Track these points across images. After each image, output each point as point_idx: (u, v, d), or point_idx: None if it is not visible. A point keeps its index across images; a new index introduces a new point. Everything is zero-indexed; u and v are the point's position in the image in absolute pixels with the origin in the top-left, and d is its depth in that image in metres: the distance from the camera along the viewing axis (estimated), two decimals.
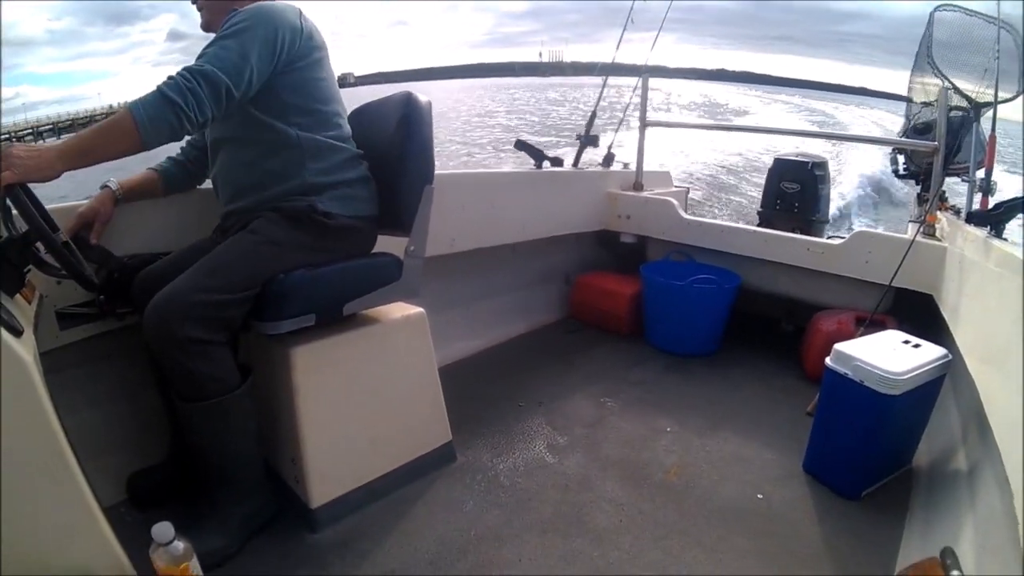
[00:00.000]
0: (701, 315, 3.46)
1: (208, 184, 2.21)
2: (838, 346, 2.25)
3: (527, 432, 2.65)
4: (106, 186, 2.08)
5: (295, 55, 1.92)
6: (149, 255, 2.11)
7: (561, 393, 3.01)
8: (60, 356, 1.96)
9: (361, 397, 2.15)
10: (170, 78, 1.68)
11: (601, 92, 4.57)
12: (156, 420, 2.23)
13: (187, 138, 2.09)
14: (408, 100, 2.21)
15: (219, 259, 1.87)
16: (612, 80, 4.61)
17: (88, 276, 1.73)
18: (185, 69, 1.70)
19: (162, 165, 2.23)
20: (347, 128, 2.16)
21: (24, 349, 1.30)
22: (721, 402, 2.94)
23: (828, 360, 2.26)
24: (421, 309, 2.30)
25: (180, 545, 1.55)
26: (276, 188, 1.99)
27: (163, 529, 1.52)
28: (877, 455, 2.23)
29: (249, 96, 1.84)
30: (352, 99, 2.45)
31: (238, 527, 1.96)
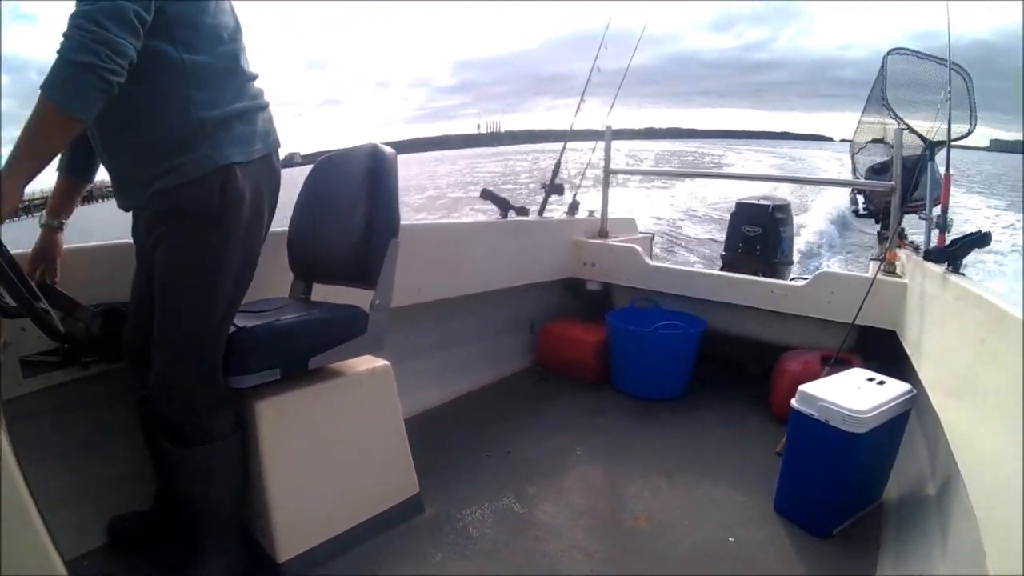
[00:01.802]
0: (667, 360, 3.48)
1: None
2: (803, 387, 2.27)
3: (495, 482, 2.62)
4: (43, 224, 2.02)
5: None
6: (117, 304, 2.08)
7: (529, 442, 2.99)
8: (26, 403, 1.94)
9: (327, 450, 2.14)
10: (66, 36, 1.43)
11: (563, 150, 4.64)
12: (128, 467, 2.24)
13: None
14: (375, 152, 2.21)
15: (172, 323, 1.81)
16: (550, 145, 4.72)
17: (54, 326, 1.71)
18: (80, 16, 1.42)
19: (61, 160, 1.97)
20: (242, 45, 1.87)
21: None
22: (689, 445, 2.94)
23: (794, 401, 2.29)
24: (386, 362, 2.30)
25: None
26: (157, 145, 1.71)
27: None
28: (847, 492, 2.25)
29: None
30: (300, 178, 2.46)
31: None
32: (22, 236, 1.83)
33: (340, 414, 2.17)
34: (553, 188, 4.32)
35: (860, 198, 4.62)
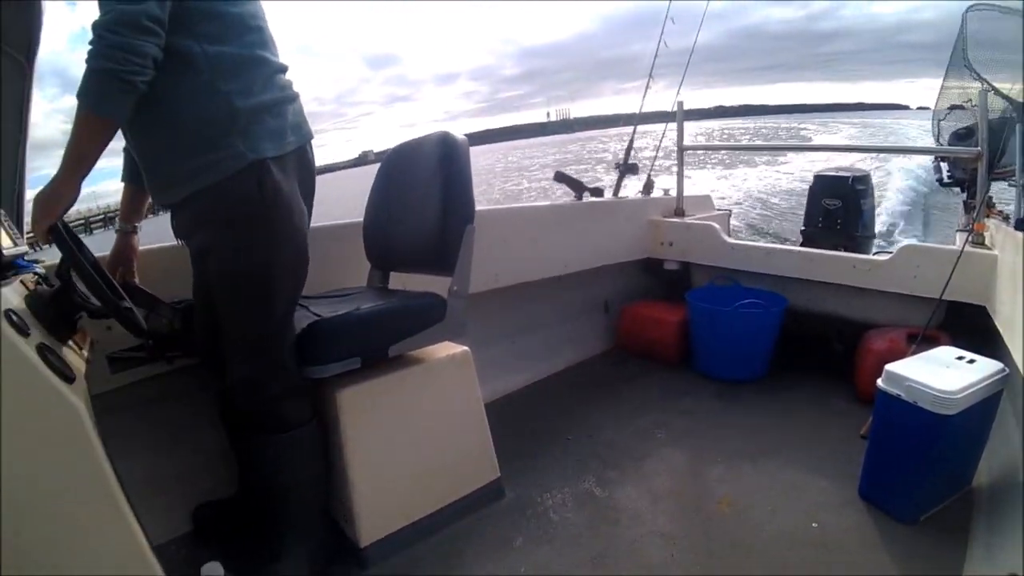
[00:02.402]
0: (749, 340, 3.41)
1: None
2: (889, 366, 2.18)
3: (576, 466, 2.63)
4: (117, 231, 2.13)
5: None
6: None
7: (610, 425, 2.98)
8: (113, 398, 2.02)
9: (408, 437, 2.17)
10: (89, 49, 1.51)
11: (634, 130, 4.58)
12: (211, 459, 2.34)
13: None
14: (446, 139, 2.22)
15: (236, 324, 1.87)
16: (620, 129, 4.67)
17: (137, 322, 1.77)
18: (97, 27, 1.50)
19: (123, 170, 2.08)
20: (268, 34, 1.88)
21: (75, 395, 1.35)
22: (772, 428, 2.88)
23: (880, 382, 2.20)
24: (466, 348, 2.31)
25: None
26: (190, 141, 1.72)
27: (212, 568, 1.55)
28: (935, 477, 2.16)
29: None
30: (373, 174, 2.49)
31: (307, 565, 2.00)
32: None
33: (421, 400, 2.20)
34: (627, 168, 4.26)
35: (944, 166, 4.41)
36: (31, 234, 1.71)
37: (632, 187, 4.37)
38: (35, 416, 1.30)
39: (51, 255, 1.73)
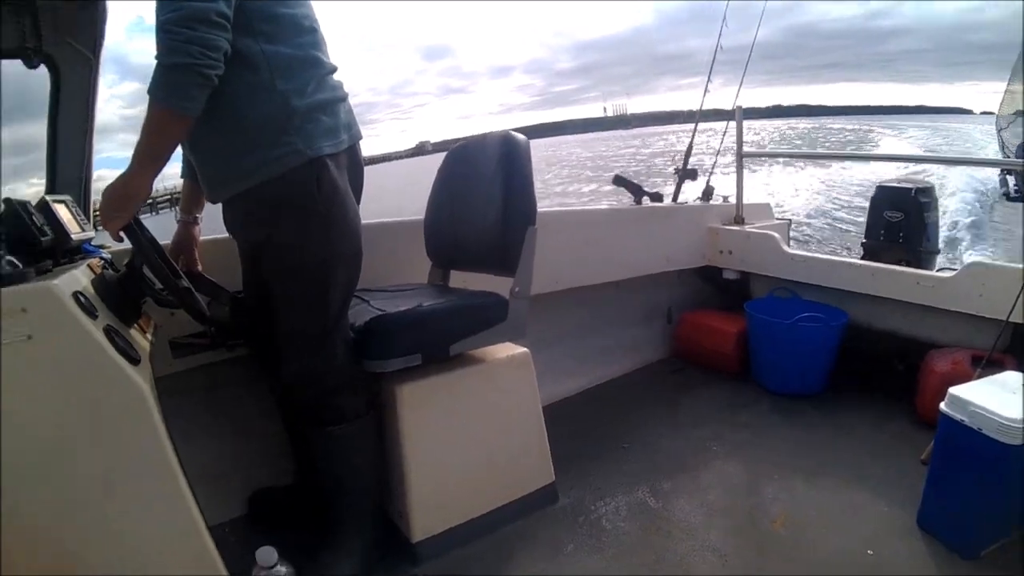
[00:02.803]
0: (808, 354, 3.34)
1: None
2: (953, 390, 2.10)
3: (630, 474, 2.61)
4: (179, 221, 2.20)
5: None
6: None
7: (666, 434, 2.95)
8: (174, 382, 2.08)
9: (466, 435, 2.19)
10: (159, 43, 1.53)
11: (695, 129, 4.55)
12: (268, 446, 2.39)
13: None
14: (507, 139, 2.24)
15: (291, 319, 1.90)
16: (680, 126, 4.63)
17: (200, 309, 1.83)
18: (167, 23, 1.51)
19: (183, 167, 2.13)
20: (322, 36, 1.91)
21: (140, 376, 1.42)
22: (830, 446, 2.81)
23: (943, 405, 2.11)
24: (526, 349, 2.32)
25: (283, 570, 1.60)
26: (247, 137, 1.75)
27: (266, 553, 1.58)
28: (998, 510, 2.07)
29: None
30: (432, 166, 2.51)
31: (362, 557, 2.02)
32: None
33: (479, 400, 2.21)
34: (686, 173, 4.23)
35: (1011, 179, 4.29)
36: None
37: (691, 192, 4.34)
38: (102, 395, 1.38)
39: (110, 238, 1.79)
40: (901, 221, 4.68)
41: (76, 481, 1.39)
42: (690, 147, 4.37)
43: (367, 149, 2.06)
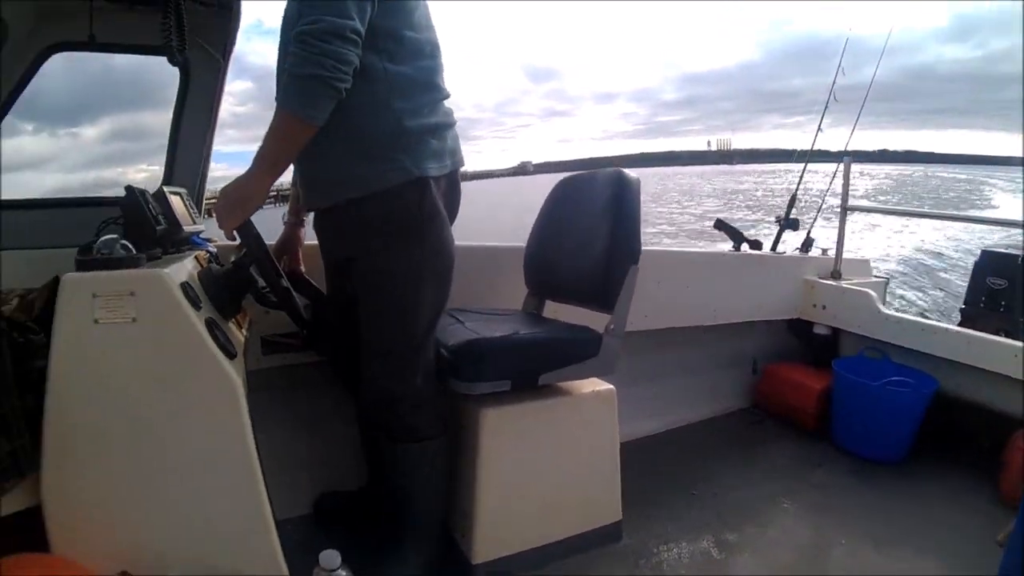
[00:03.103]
0: (892, 420, 3.22)
1: None
2: None
3: (697, 522, 2.57)
4: (285, 222, 2.27)
5: None
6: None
7: (737, 486, 2.90)
8: (259, 377, 2.14)
9: (541, 465, 2.19)
10: (293, 54, 1.59)
11: (801, 176, 4.48)
12: (340, 451, 2.45)
13: None
14: (619, 178, 2.25)
15: (379, 334, 1.93)
16: (783, 165, 4.56)
17: (299, 311, 1.90)
18: (304, 35, 1.57)
19: (294, 169, 2.12)
20: (441, 62, 1.94)
21: (234, 370, 1.48)
22: (904, 516, 2.71)
23: None
24: (612, 386, 2.31)
25: (343, 574, 1.62)
26: (357, 149, 1.80)
27: (330, 556, 1.62)
28: None
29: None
30: (532, 186, 2.51)
31: (421, 571, 2.05)
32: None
33: (560, 432, 2.22)
34: (788, 223, 4.18)
35: None
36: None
37: (790, 241, 4.27)
38: (196, 384, 1.45)
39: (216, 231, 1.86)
40: (1004, 289, 4.50)
41: (156, 462, 1.46)
42: (794, 197, 4.32)
43: (469, 163, 2.10)
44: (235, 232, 1.72)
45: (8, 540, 1.37)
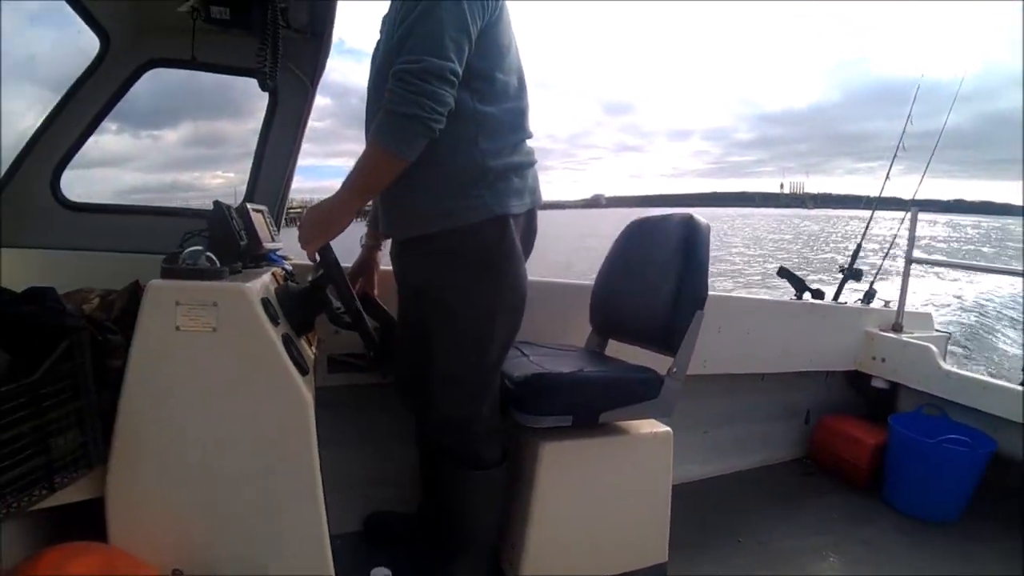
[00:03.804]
0: (947, 478, 3.17)
1: None
2: None
3: (741, 570, 2.57)
4: (363, 245, 2.34)
5: (490, 10, 1.77)
6: None
7: (784, 537, 2.88)
8: (325, 394, 2.20)
9: (594, 501, 2.21)
10: (391, 91, 1.63)
11: (868, 225, 4.45)
12: (395, 472, 2.51)
13: None
14: (690, 223, 2.29)
15: (450, 364, 1.97)
16: (847, 212, 4.52)
17: (371, 334, 1.95)
18: (403, 73, 1.62)
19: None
20: (527, 103, 1.99)
21: (307, 387, 1.55)
22: None
23: None
24: (669, 429, 2.33)
25: None
26: (441, 183, 1.84)
27: (382, 574, 1.66)
28: None
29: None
30: (604, 220, 2.54)
31: None
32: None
33: (615, 470, 2.24)
34: (852, 273, 4.15)
35: None
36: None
37: (852, 292, 4.24)
38: (269, 397, 1.51)
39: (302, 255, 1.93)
40: None
41: (220, 467, 1.52)
42: (859, 246, 4.28)
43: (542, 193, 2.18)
44: (316, 256, 1.80)
45: (70, 528, 1.45)
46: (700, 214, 2.34)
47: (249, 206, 2.05)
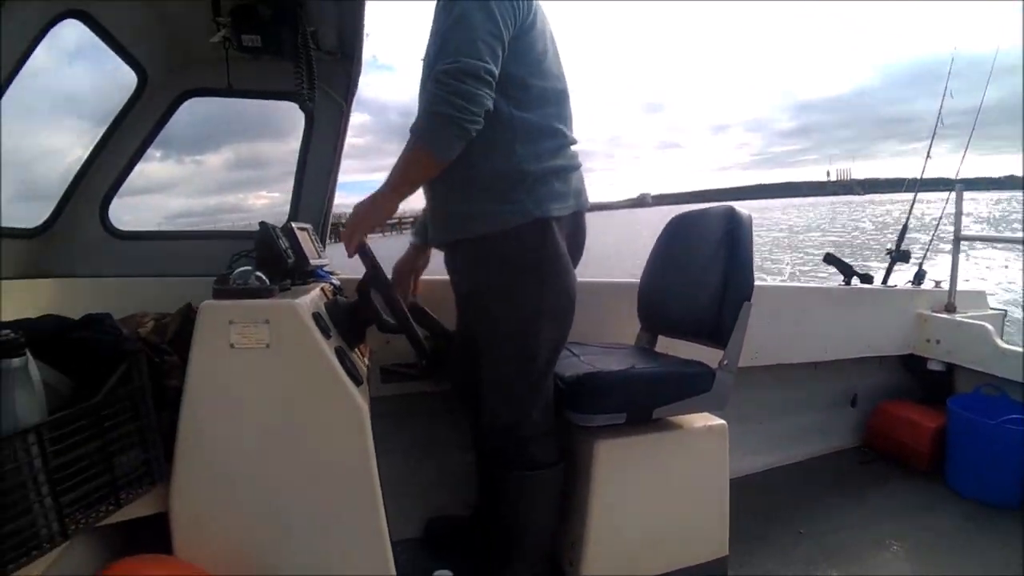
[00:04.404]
0: (1011, 460, 3.08)
1: None
2: None
3: (803, 561, 2.55)
4: (412, 244, 2.37)
5: (521, 16, 1.82)
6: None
7: (845, 526, 2.85)
8: (378, 403, 2.22)
9: (652, 497, 2.22)
10: (431, 93, 1.69)
11: (911, 206, 4.38)
12: (452, 478, 2.53)
13: None
14: (732, 215, 2.28)
15: (498, 369, 2.00)
16: (899, 196, 4.45)
17: (423, 344, 1.97)
18: (442, 73, 1.67)
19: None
20: (568, 109, 2.02)
21: (362, 397, 1.58)
22: (1021, 565, 2.60)
23: None
24: (723, 421, 2.32)
25: None
26: (479, 187, 1.88)
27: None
28: None
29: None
30: (649, 218, 2.52)
31: None
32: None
33: (671, 465, 2.24)
34: (899, 255, 4.09)
35: None
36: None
37: (902, 275, 4.18)
38: (326, 409, 1.54)
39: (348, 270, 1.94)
40: None
41: (281, 479, 1.55)
42: (905, 227, 4.22)
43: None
44: (357, 255, 1.84)
45: (136, 541, 1.51)
46: (747, 207, 2.33)
47: (294, 225, 2.11)
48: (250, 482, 1.54)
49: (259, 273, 1.66)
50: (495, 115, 1.78)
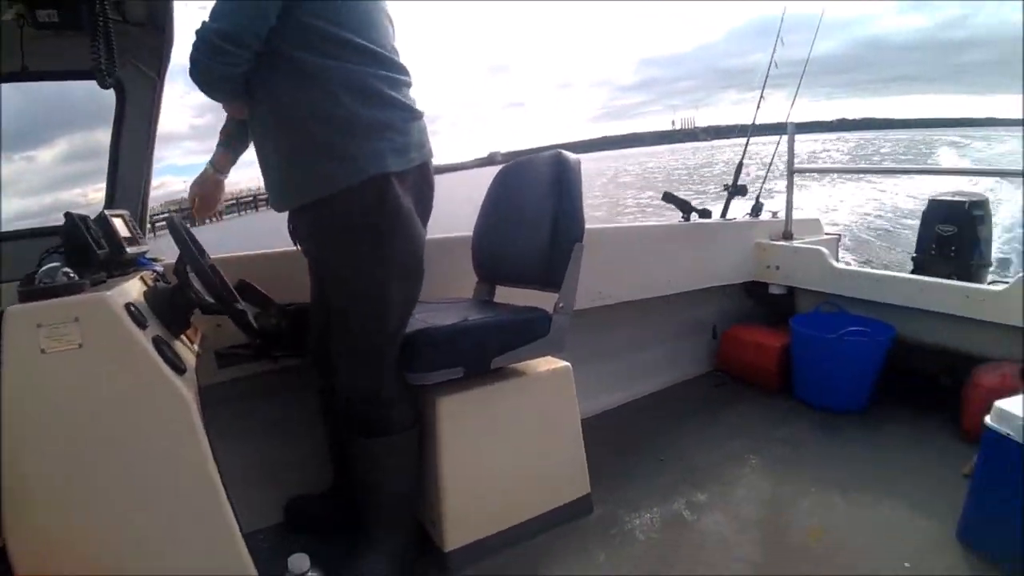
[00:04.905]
0: (852, 370, 3.31)
1: None
2: (999, 403, 2.06)
3: (666, 487, 2.61)
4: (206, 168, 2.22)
5: None
6: (307, 304, 2.23)
7: (704, 448, 2.95)
8: (217, 391, 2.13)
9: (504, 447, 2.23)
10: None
11: (746, 146, 4.54)
12: (305, 454, 2.45)
13: None
14: (559, 159, 2.28)
15: (347, 333, 1.95)
16: (740, 140, 4.65)
17: (248, 322, 1.89)
18: (197, 32, 1.70)
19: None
20: (395, 59, 1.91)
21: (185, 386, 1.48)
22: (870, 462, 2.77)
23: (987, 418, 2.07)
24: (567, 363, 2.35)
25: None
26: (307, 148, 1.80)
27: (298, 560, 1.63)
28: None
29: (269, 26, 1.71)
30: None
31: (394, 565, 2.05)
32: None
33: (519, 413, 2.25)
34: (736, 190, 4.25)
35: None
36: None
37: (740, 208, 4.34)
38: (147, 403, 1.44)
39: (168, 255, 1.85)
40: (953, 235, 4.56)
41: (117, 487, 1.45)
42: (740, 164, 4.39)
43: (436, 158, 2.07)
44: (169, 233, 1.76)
45: None
46: (592, 158, 2.33)
47: (108, 212, 1.97)
48: (84, 496, 1.43)
49: (67, 269, 1.54)
50: (308, 70, 1.73)
